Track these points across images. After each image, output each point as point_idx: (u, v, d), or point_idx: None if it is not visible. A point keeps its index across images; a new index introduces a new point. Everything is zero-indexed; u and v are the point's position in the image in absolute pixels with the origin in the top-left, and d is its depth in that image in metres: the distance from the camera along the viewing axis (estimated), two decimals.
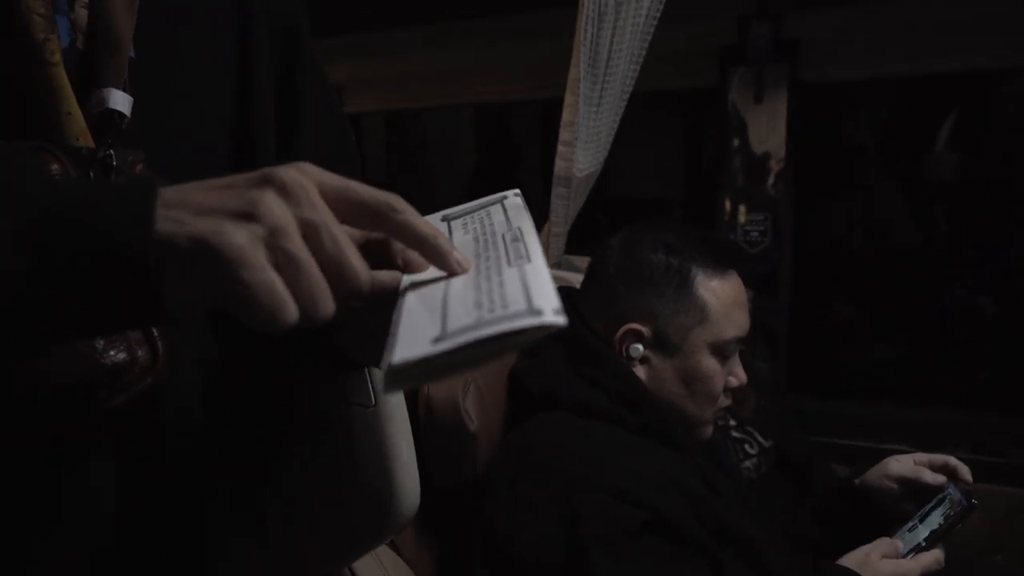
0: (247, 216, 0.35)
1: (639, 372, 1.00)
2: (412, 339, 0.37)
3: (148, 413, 0.50)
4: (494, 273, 0.42)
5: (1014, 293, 2.43)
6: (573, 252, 1.69)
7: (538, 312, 0.36)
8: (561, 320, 0.36)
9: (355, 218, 0.41)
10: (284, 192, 0.36)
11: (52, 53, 0.46)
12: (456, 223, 0.52)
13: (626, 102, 1.59)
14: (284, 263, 0.35)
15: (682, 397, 1.00)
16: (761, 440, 1.85)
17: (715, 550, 0.87)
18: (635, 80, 1.57)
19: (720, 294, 0.99)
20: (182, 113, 0.55)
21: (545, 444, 0.93)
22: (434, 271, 0.45)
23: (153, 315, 0.37)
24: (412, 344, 0.37)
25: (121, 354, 0.44)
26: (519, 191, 0.55)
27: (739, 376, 1.02)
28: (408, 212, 0.42)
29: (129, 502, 0.52)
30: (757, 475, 1.78)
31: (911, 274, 2.58)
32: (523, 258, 0.43)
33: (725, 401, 1.03)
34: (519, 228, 0.47)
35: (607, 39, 1.48)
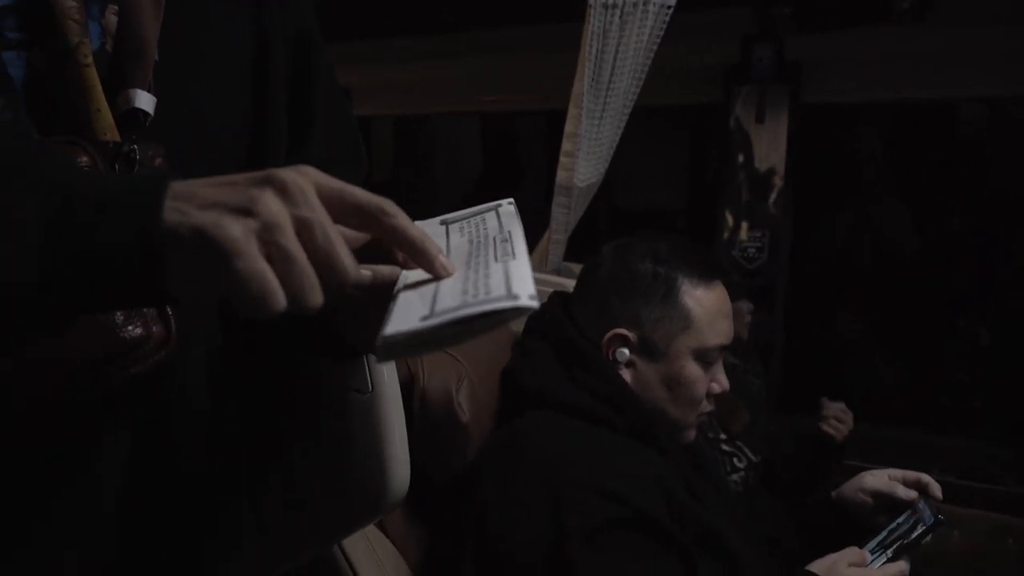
0: (245, 211, 0.39)
1: (625, 375, 1.03)
2: (404, 317, 0.42)
3: (158, 389, 0.55)
4: (482, 268, 0.46)
5: (1009, 324, 2.45)
6: (574, 260, 1.73)
7: (515, 296, 0.41)
8: (535, 304, 0.41)
9: (349, 219, 0.44)
10: (283, 191, 0.40)
11: (85, 56, 0.50)
12: (453, 227, 0.56)
13: (628, 116, 1.63)
14: (276, 256, 0.39)
15: (666, 401, 1.03)
16: (750, 455, 1.87)
17: (692, 553, 0.90)
18: (637, 95, 1.61)
19: (705, 303, 1.02)
20: (201, 113, 0.59)
21: (536, 445, 0.96)
22: None
23: (158, 294, 0.41)
24: (403, 321, 0.42)
25: (138, 329, 0.48)
26: (512, 200, 0.59)
27: (721, 383, 1.05)
28: (399, 216, 0.46)
29: (134, 486, 0.55)
30: (744, 488, 1.81)
31: (911, 292, 2.60)
32: (509, 255, 0.47)
33: (708, 406, 1.06)
34: (509, 231, 0.52)
35: (611, 55, 1.53)
